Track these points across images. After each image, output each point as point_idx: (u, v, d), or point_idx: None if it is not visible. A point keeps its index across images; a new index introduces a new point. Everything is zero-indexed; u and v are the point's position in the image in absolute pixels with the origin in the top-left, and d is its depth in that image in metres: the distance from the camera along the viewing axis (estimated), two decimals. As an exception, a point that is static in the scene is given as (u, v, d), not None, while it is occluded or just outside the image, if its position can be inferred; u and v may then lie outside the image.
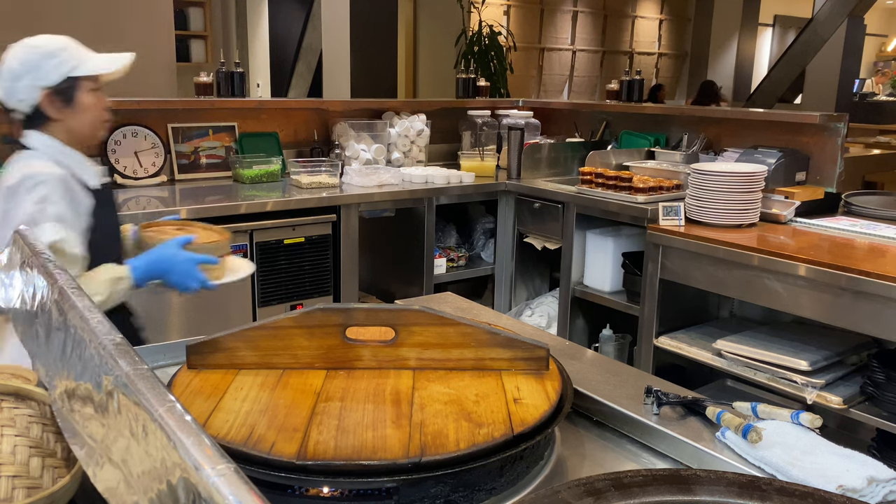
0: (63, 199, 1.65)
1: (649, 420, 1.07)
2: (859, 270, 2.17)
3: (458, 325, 1.06)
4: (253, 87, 7.93)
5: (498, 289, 3.67)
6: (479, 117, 4.16)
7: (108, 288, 1.65)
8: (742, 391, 2.72)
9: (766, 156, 3.10)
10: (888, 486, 0.91)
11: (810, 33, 8.35)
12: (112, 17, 4.38)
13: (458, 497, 0.87)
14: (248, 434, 0.87)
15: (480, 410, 0.95)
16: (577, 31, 9.45)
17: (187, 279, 1.73)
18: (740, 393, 2.72)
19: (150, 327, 2.65)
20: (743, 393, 2.69)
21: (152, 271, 1.72)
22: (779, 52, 10.97)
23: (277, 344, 1.06)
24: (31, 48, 1.67)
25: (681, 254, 2.67)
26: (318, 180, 3.20)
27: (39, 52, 1.66)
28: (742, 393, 2.70)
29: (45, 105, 1.68)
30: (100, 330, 0.71)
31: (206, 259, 1.76)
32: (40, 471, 0.84)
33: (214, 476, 0.48)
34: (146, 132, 3.22)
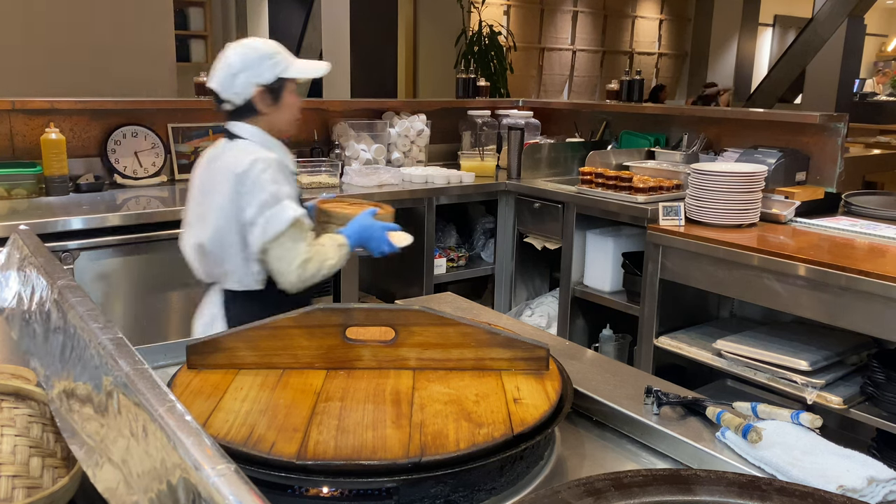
0: (285, 179, 1.87)
1: (649, 420, 1.07)
2: (859, 270, 2.17)
3: (458, 325, 1.06)
4: (253, 87, 7.92)
5: (498, 289, 3.67)
6: (479, 117, 4.16)
7: (337, 252, 1.91)
8: (742, 391, 2.72)
9: (766, 156, 3.10)
10: (888, 486, 0.91)
11: (810, 33, 8.35)
12: (112, 17, 4.38)
13: (458, 497, 0.87)
14: (248, 434, 0.87)
15: (480, 410, 0.95)
16: (577, 31, 9.45)
17: (381, 244, 2.01)
18: (740, 393, 2.72)
19: (150, 327, 2.66)
20: (743, 393, 2.69)
21: (359, 239, 1.99)
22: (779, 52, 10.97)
23: (277, 344, 1.06)
24: (250, 49, 1.88)
25: (681, 254, 2.67)
26: (318, 180, 3.20)
27: (258, 53, 1.87)
28: (742, 393, 2.70)
29: (256, 99, 1.88)
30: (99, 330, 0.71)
31: (392, 227, 2.04)
32: (40, 471, 0.84)
33: (214, 476, 0.48)
34: (146, 132, 3.22)
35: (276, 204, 1.80)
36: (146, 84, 4.42)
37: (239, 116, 1.91)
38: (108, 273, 2.54)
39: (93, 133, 3.15)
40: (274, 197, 1.80)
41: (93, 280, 2.49)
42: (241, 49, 1.88)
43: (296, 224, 1.83)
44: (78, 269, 2.45)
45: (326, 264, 1.88)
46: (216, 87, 1.89)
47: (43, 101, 2.98)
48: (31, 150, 2.96)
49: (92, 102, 3.12)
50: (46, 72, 4.14)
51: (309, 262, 1.85)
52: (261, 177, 1.80)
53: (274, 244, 1.82)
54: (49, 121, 2.92)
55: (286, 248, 1.82)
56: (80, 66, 4.23)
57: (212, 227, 1.87)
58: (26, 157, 2.96)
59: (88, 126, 3.13)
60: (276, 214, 1.80)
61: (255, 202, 1.79)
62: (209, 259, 1.92)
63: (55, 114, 3.01)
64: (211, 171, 1.91)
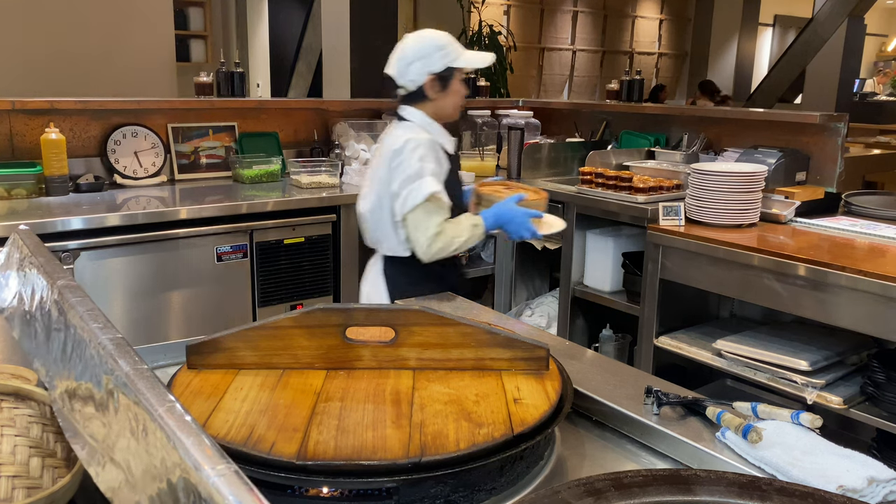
0: (434, 159, 2.03)
1: (649, 420, 1.07)
2: (859, 270, 2.17)
3: (458, 325, 1.06)
4: (253, 87, 7.93)
5: (498, 289, 3.67)
6: (479, 117, 4.16)
7: (469, 232, 2.04)
8: (742, 391, 2.72)
9: (766, 156, 3.10)
10: (888, 486, 0.91)
11: (810, 33, 8.34)
12: (112, 17, 4.38)
13: (458, 497, 0.87)
14: (248, 434, 0.87)
15: (480, 410, 0.95)
16: (577, 31, 9.45)
17: (521, 229, 2.08)
18: (740, 393, 2.72)
19: (150, 327, 2.66)
20: (743, 393, 2.69)
21: (497, 222, 2.07)
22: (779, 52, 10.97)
23: (277, 344, 1.06)
24: (424, 39, 2.06)
25: (681, 254, 2.67)
26: (318, 180, 3.20)
27: (432, 43, 2.05)
28: (742, 393, 2.70)
29: (427, 86, 2.07)
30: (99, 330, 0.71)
31: (535, 213, 2.09)
32: (40, 471, 0.84)
33: (214, 476, 0.48)
34: (146, 132, 3.22)
35: (418, 179, 1.98)
36: (146, 84, 4.42)
37: (410, 101, 2.11)
38: (108, 273, 2.54)
39: (93, 133, 3.15)
40: (417, 173, 1.98)
41: (93, 280, 2.49)
42: (417, 39, 2.07)
43: (431, 199, 1.99)
44: (78, 269, 2.45)
45: (456, 240, 2.02)
46: (393, 74, 2.10)
47: (43, 101, 2.98)
48: (31, 150, 2.96)
49: (92, 102, 3.12)
50: (46, 72, 4.14)
51: (439, 235, 2.00)
52: (410, 154, 1.99)
53: (410, 215, 2.00)
54: (49, 121, 2.92)
55: (420, 220, 2.00)
56: (80, 65, 4.24)
57: (372, 197, 2.11)
58: (26, 157, 2.96)
59: (88, 126, 3.13)
60: (416, 189, 1.98)
61: (400, 176, 2.00)
62: (369, 226, 2.16)
63: (55, 114, 3.01)
64: (380, 149, 2.13)
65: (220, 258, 2.77)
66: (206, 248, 2.73)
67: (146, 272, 2.61)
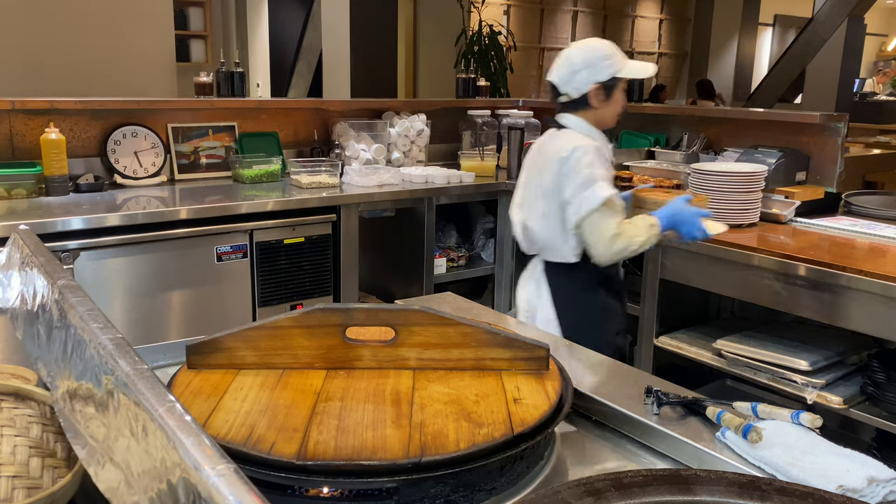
0: (602, 164, 2.06)
1: (649, 420, 1.07)
2: (859, 270, 2.17)
3: (458, 325, 1.06)
4: (253, 87, 7.93)
5: (498, 289, 3.67)
6: (479, 117, 4.16)
7: (647, 232, 2.05)
8: (742, 391, 2.72)
9: (766, 156, 3.10)
10: (888, 486, 0.91)
11: (810, 33, 8.34)
12: (112, 17, 4.38)
13: (458, 497, 0.87)
14: (247, 434, 0.87)
15: (480, 410, 0.95)
16: (577, 30, 9.45)
17: (693, 229, 2.09)
18: (740, 393, 2.72)
19: (150, 327, 2.66)
20: (743, 393, 2.69)
21: (670, 221, 2.09)
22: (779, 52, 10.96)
23: (277, 344, 1.06)
24: (592, 48, 2.10)
25: (681, 254, 2.67)
26: (318, 180, 3.20)
27: (598, 53, 2.09)
28: (742, 393, 2.70)
29: (591, 95, 2.10)
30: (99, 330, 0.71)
31: (705, 213, 2.11)
32: (40, 471, 0.84)
33: (214, 476, 0.48)
34: (146, 132, 3.22)
35: (591, 185, 2.01)
36: (146, 84, 4.42)
37: (571, 109, 2.15)
38: (108, 273, 2.54)
39: (93, 133, 3.15)
40: (589, 179, 2.01)
41: (93, 280, 2.49)
42: (584, 48, 2.11)
43: (607, 203, 2.02)
44: (78, 269, 2.45)
45: (635, 241, 2.04)
46: (556, 82, 2.13)
47: (43, 101, 2.98)
48: (31, 150, 2.96)
49: (92, 102, 3.12)
50: (46, 72, 4.14)
51: (618, 237, 2.02)
52: (580, 161, 2.02)
53: (587, 221, 2.03)
54: (49, 121, 2.92)
55: (597, 225, 2.02)
56: (80, 65, 4.24)
57: (537, 206, 2.14)
58: (26, 157, 2.96)
59: (88, 126, 3.14)
60: (590, 194, 2.01)
61: (572, 183, 2.02)
62: (533, 235, 2.18)
63: (55, 114, 3.01)
64: (539, 157, 2.17)
65: (220, 258, 2.77)
66: (206, 248, 2.73)
67: (146, 272, 2.61)
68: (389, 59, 6.21)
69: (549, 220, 2.12)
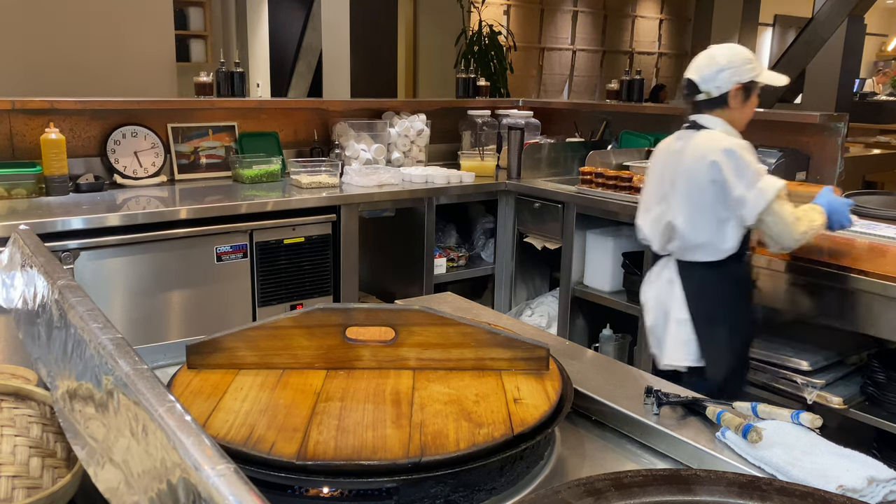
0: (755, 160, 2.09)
1: (649, 420, 1.07)
2: (859, 270, 2.17)
3: (458, 325, 1.06)
4: (253, 87, 7.93)
5: (498, 289, 3.67)
6: (479, 117, 4.16)
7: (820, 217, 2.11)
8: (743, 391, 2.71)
9: (767, 156, 3.10)
10: (888, 486, 0.91)
11: (810, 33, 8.34)
12: (112, 18, 4.38)
13: (458, 497, 0.87)
14: (247, 434, 0.87)
15: (480, 410, 0.95)
16: (577, 30, 9.44)
17: (843, 218, 2.16)
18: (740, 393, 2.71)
19: (150, 327, 2.66)
20: (743, 393, 2.68)
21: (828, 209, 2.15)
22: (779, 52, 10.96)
23: (277, 344, 1.06)
24: (735, 50, 2.16)
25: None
26: (318, 180, 3.20)
27: (742, 55, 2.14)
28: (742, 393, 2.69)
29: (731, 95, 2.13)
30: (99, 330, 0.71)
31: (852, 203, 2.20)
32: (40, 471, 0.84)
33: (214, 476, 0.48)
34: (146, 132, 3.22)
35: (760, 178, 2.03)
36: (146, 84, 4.42)
37: (708, 108, 2.17)
38: (108, 273, 2.54)
39: (93, 133, 3.15)
40: (757, 173, 2.04)
41: (93, 280, 2.49)
42: (727, 49, 2.16)
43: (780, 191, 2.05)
44: (78, 269, 2.45)
45: (814, 224, 2.10)
46: (697, 79, 2.16)
47: (43, 101, 2.98)
48: (31, 150, 2.96)
49: (92, 102, 3.12)
50: (46, 71, 4.14)
51: (800, 221, 2.06)
52: (742, 157, 2.04)
53: (767, 212, 2.03)
54: (49, 121, 2.92)
55: (778, 213, 2.04)
56: (80, 65, 4.24)
57: (684, 207, 2.13)
58: (26, 157, 2.96)
59: (88, 126, 3.14)
60: (766, 186, 2.02)
61: (743, 180, 2.03)
62: (679, 234, 2.15)
63: (55, 114, 3.01)
64: (679, 158, 2.16)
65: (219, 258, 2.77)
66: (205, 248, 2.73)
67: (146, 272, 2.61)
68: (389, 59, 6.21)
69: (702, 218, 2.11)
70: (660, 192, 2.23)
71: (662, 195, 2.21)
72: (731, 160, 2.04)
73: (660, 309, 2.24)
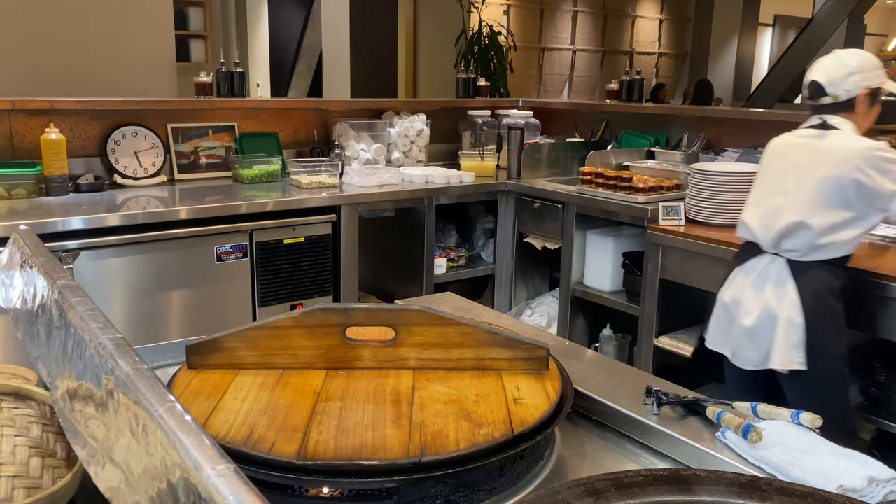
0: None
1: (649, 420, 1.07)
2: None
3: (458, 325, 1.06)
4: (253, 87, 7.93)
5: (498, 289, 3.67)
6: (479, 117, 4.16)
7: None
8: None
9: (766, 156, 3.09)
10: (888, 486, 0.91)
11: (810, 33, 8.35)
12: (112, 17, 4.38)
13: (458, 497, 0.87)
14: (247, 434, 0.87)
15: (480, 410, 0.95)
16: (577, 30, 9.45)
17: None
18: (740, 393, 2.71)
19: (150, 327, 2.66)
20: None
21: None
22: (779, 52, 10.97)
23: (277, 344, 1.06)
24: (864, 55, 2.16)
25: (681, 254, 2.68)
26: (318, 180, 3.20)
27: (871, 61, 2.16)
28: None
29: (859, 99, 2.14)
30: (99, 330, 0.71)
31: None
32: (40, 471, 0.84)
33: (214, 476, 0.48)
34: (146, 132, 3.22)
35: None
36: (146, 84, 4.42)
37: (834, 111, 2.16)
38: (108, 273, 2.54)
39: (93, 133, 3.15)
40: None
41: (93, 280, 2.49)
42: (856, 53, 2.17)
43: None
44: (78, 269, 2.46)
45: None
46: (824, 81, 2.15)
47: (43, 101, 2.98)
48: (31, 150, 2.96)
49: (92, 102, 3.12)
50: (46, 72, 4.14)
51: None
52: (886, 155, 2.05)
53: None
54: (49, 121, 2.92)
55: None
56: (80, 65, 4.24)
57: (818, 205, 2.08)
58: (26, 157, 2.97)
59: (88, 126, 3.14)
60: None
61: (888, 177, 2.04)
62: (801, 234, 2.10)
63: (55, 114, 3.01)
64: (813, 156, 2.13)
65: (220, 258, 2.77)
66: (206, 248, 2.73)
67: (146, 272, 2.61)
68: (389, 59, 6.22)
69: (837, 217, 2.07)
70: (777, 189, 2.18)
71: (782, 192, 2.16)
72: (877, 159, 2.04)
73: (765, 310, 2.14)
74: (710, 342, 2.32)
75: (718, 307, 2.29)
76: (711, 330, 2.33)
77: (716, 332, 2.31)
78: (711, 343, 2.32)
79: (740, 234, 2.28)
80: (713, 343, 2.31)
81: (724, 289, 2.27)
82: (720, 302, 2.28)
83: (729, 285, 2.26)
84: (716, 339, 2.31)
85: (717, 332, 2.30)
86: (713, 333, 2.32)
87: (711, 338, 2.32)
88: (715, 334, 2.31)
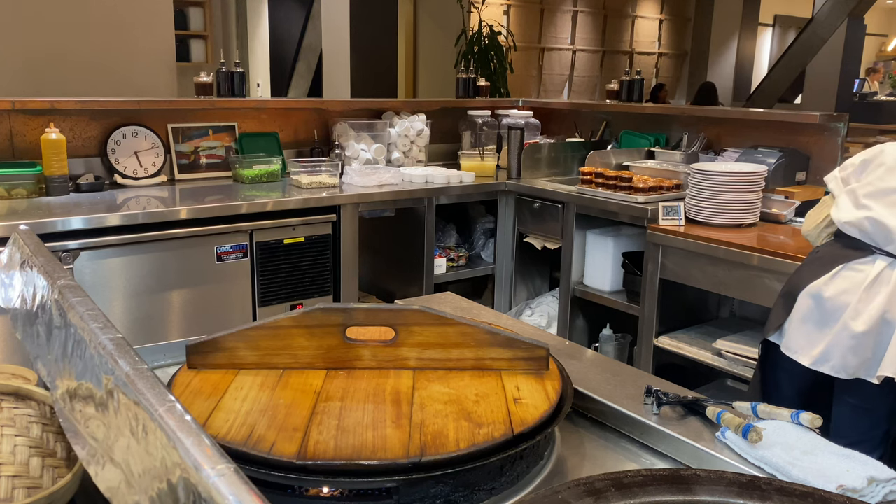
0: None
1: (649, 420, 1.07)
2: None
3: (458, 325, 1.06)
4: (253, 87, 7.93)
5: (498, 289, 3.67)
6: (479, 117, 4.16)
7: None
8: (742, 391, 2.72)
9: (766, 156, 3.10)
10: (888, 486, 0.91)
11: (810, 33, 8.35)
12: (112, 17, 4.38)
13: (458, 497, 0.87)
14: (248, 434, 0.87)
15: (480, 410, 0.95)
16: (577, 30, 9.45)
17: None
18: (740, 393, 2.72)
19: (150, 327, 2.66)
20: (743, 393, 2.69)
21: None
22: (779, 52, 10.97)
23: (277, 344, 1.06)
24: None
25: (681, 254, 2.68)
26: (318, 180, 3.20)
27: None
28: (742, 393, 2.70)
29: None
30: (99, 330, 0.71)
31: None
32: (40, 471, 0.84)
33: (214, 476, 0.48)
34: (146, 132, 3.22)
35: None
36: (146, 84, 4.42)
37: None
38: (108, 273, 2.54)
39: (93, 133, 3.15)
40: None
41: (93, 280, 2.49)
42: None
43: None
44: (78, 269, 2.46)
45: None
46: None
47: (43, 101, 2.98)
48: (31, 150, 2.96)
49: (92, 102, 3.12)
50: (46, 72, 4.14)
51: None
52: None
53: None
54: (49, 121, 2.92)
55: None
56: (80, 65, 4.24)
57: None
58: (26, 157, 2.96)
59: (88, 126, 3.14)
60: None
61: None
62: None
63: (55, 114, 3.01)
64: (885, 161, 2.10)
65: (220, 258, 2.77)
66: (206, 247, 2.73)
67: (146, 272, 2.61)
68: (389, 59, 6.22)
69: None
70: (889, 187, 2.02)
71: None
72: None
73: (881, 315, 1.96)
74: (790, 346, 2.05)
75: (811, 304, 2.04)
76: (793, 329, 2.06)
77: (800, 331, 2.05)
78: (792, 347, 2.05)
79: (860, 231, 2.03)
80: (796, 347, 2.05)
81: (822, 285, 2.02)
82: (814, 297, 2.02)
83: (828, 283, 2.02)
84: (797, 340, 2.05)
85: (803, 331, 2.04)
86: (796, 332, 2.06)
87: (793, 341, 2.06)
88: (797, 334, 2.05)
